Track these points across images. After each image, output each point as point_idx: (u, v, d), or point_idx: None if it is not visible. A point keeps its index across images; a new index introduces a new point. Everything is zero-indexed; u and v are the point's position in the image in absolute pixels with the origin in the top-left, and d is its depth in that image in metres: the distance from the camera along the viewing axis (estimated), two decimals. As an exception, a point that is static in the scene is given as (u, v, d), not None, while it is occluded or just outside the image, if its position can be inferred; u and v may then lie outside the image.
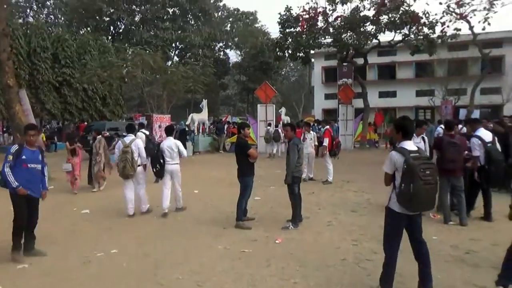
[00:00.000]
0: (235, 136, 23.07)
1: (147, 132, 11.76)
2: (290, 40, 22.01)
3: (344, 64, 36.79)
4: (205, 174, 12.89)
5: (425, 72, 33.81)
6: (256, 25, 50.17)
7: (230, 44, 49.06)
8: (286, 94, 65.58)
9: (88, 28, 41.35)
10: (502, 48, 32.45)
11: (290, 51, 22.69)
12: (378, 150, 22.56)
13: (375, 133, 25.16)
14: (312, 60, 32.06)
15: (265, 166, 14.81)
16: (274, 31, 66.74)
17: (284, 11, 21.99)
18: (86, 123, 23.36)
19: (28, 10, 47.19)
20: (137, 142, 7.52)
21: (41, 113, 23.00)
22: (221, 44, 48.62)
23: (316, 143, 12.54)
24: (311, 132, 11.98)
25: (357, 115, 24.44)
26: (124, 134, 8.78)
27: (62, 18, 45.15)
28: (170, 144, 7.45)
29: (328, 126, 11.34)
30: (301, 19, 21.92)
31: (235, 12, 49.44)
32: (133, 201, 7.45)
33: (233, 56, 54.70)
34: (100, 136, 10.74)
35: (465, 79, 29.68)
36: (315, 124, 25.03)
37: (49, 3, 47.91)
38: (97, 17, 42.39)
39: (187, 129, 21.94)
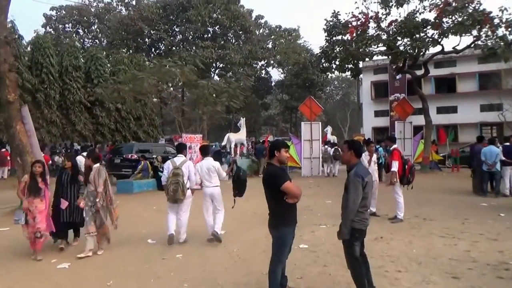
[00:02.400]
0: (276, 158, 20.80)
1: None
2: (338, 49, 19.49)
3: (397, 78, 33.89)
4: (238, 205, 10.56)
5: (491, 84, 30.00)
6: (299, 41, 47.96)
7: (272, 62, 47.23)
8: (330, 113, 62.78)
9: (130, 50, 41.14)
10: None
11: (337, 62, 20.13)
12: (443, 174, 19.26)
13: (437, 153, 21.77)
14: (360, 75, 29.11)
15: (312, 193, 12.23)
16: (317, 47, 64.45)
17: (331, 17, 19.60)
18: (111, 144, 21.92)
19: (75, 35, 48.12)
20: (189, 164, 6.82)
21: (72, 135, 21.78)
22: (262, 62, 46.92)
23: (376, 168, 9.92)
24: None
25: (415, 133, 21.37)
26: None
27: (105, 41, 45.47)
28: (208, 165, 6.82)
29: (396, 145, 8.64)
30: (350, 25, 19.44)
31: (277, 29, 47.65)
32: (174, 226, 6.74)
33: (275, 74, 52.99)
34: (98, 164, 6.25)
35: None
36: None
37: (93, 28, 48.71)
38: (139, 39, 42.19)
39: (222, 150, 19.90)
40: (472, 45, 18.43)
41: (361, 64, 22.58)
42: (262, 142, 22.72)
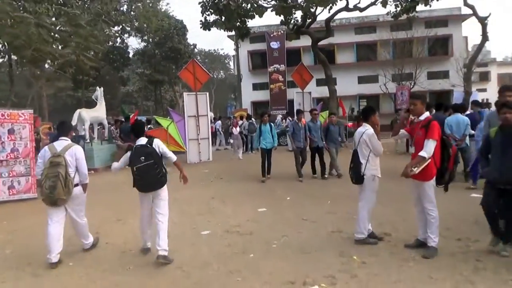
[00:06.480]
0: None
1: None
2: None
3: (275, 47, 31.30)
4: (92, 219, 5.66)
5: (369, 55, 29.59)
6: (160, 6, 41.64)
7: (128, 29, 39.87)
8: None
9: None
10: (448, 28, 29.32)
11: (225, 16, 15.66)
12: (348, 150, 16.88)
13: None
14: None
15: (223, 194, 7.71)
16: (182, 15, 58.64)
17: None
18: None
19: None
20: (76, 149, 4.77)
21: None
22: (117, 28, 39.26)
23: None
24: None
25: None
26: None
27: None
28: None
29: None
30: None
31: (134, -11, 40.34)
32: (61, 242, 4.63)
33: (134, 43, 45.72)
34: None
35: (411, 62, 26.24)
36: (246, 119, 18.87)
37: None
38: None
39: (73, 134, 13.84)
40: (378, 1, 16.11)
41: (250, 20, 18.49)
42: (127, 121, 17.03)
